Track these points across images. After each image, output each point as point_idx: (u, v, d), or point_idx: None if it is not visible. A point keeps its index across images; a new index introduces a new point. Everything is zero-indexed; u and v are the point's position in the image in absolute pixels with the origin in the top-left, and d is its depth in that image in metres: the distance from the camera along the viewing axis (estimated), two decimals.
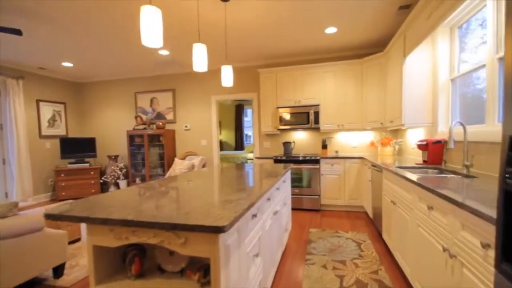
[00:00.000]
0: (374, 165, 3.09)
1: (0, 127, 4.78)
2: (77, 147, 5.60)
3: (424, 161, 2.71)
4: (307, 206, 4.12)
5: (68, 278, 2.23)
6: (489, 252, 0.99)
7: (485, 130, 2.02)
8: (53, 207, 1.20)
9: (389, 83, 3.61)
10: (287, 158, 4.22)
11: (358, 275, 2.19)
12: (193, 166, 4.80)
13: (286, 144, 4.57)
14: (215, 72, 5.16)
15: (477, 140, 2.07)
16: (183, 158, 5.21)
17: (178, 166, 4.75)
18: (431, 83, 2.93)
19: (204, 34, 3.59)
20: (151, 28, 1.46)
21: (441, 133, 2.77)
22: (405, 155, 3.81)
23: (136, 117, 5.40)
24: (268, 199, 1.81)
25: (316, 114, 4.25)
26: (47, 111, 5.48)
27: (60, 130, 5.74)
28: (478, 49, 2.37)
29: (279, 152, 4.91)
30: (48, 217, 1.10)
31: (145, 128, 5.35)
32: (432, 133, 2.95)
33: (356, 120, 4.19)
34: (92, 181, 5.51)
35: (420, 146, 2.71)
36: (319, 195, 4.08)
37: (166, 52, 4.30)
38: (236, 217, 1.00)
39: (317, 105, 4.26)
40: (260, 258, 1.55)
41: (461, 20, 2.53)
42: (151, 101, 5.55)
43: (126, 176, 5.51)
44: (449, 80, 2.73)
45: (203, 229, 0.91)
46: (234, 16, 3.08)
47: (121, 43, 3.90)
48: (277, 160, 4.26)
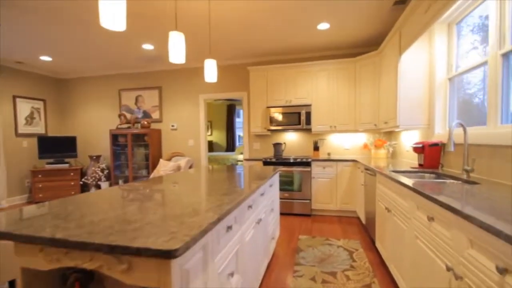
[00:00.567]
0: (367, 169, 2.92)
1: None
2: (57, 147, 5.28)
3: (420, 165, 2.55)
4: (298, 211, 3.93)
5: None
6: (508, 279, 0.81)
7: (487, 132, 1.86)
8: None
9: (384, 83, 3.46)
10: (277, 160, 4.03)
11: None
12: (179, 168, 4.56)
13: (277, 146, 4.38)
14: (203, 70, 4.94)
15: (478, 143, 1.91)
16: (169, 159, 4.97)
17: (163, 168, 4.50)
18: (428, 83, 2.78)
19: (190, 30, 3.38)
20: (111, 7, 1.24)
21: (438, 135, 2.61)
22: (399, 158, 3.66)
23: (120, 116, 5.13)
24: (250, 207, 1.61)
25: (308, 115, 4.07)
26: (25, 108, 5.16)
27: (39, 128, 5.42)
28: (469, 54, 2.29)
29: (269, 154, 4.71)
30: None
31: (129, 127, 5.08)
32: (428, 135, 2.80)
33: (349, 121, 4.03)
34: (72, 183, 5.21)
35: (416, 149, 2.55)
36: (310, 199, 3.89)
37: (151, 47, 4.06)
38: (196, 236, 0.79)
39: (309, 105, 4.08)
40: (238, 276, 1.35)
41: (460, 16, 2.38)
42: (136, 99, 5.29)
43: (108, 178, 5.23)
44: (447, 80, 2.59)
45: (149, 253, 0.70)
46: (220, 8, 2.87)
47: (103, 37, 3.65)
48: (267, 162, 4.06)
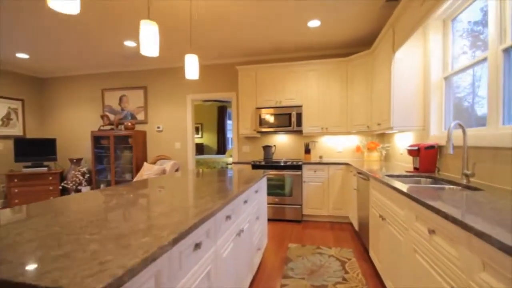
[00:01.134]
0: (360, 172, 2.76)
1: None
2: (35, 149, 4.99)
3: (416, 169, 2.41)
4: (288, 217, 3.75)
5: None
6: None
7: (487, 134, 1.72)
8: None
9: (377, 83, 3.33)
10: (267, 164, 3.84)
11: None
12: (164, 171, 4.33)
13: (266, 148, 4.20)
14: None
15: (478, 145, 1.77)
16: (154, 162, 4.73)
17: (147, 172, 4.27)
18: (422, 83, 2.65)
19: (175, 27, 3.19)
20: None
21: (434, 137, 2.47)
22: (393, 161, 3.52)
23: (103, 117, 4.88)
24: (228, 217, 1.42)
25: (299, 116, 3.91)
26: (1, 108, 4.86)
27: (16, 130, 5.11)
28: (460, 59, 2.25)
29: (259, 157, 4.53)
30: None
31: (113, 129, 4.83)
32: (423, 137, 2.66)
33: (341, 123, 3.88)
34: (51, 188, 4.91)
35: (411, 152, 2.40)
36: (301, 205, 3.72)
37: (133, 44, 3.85)
38: (136, 267, 0.60)
39: (300, 106, 3.92)
40: None
41: (456, 12, 2.26)
42: (120, 99, 5.04)
43: (90, 182, 4.95)
44: (442, 79, 2.45)
45: None
46: (206, 4, 2.69)
47: (81, 33, 3.42)
48: (255, 166, 3.87)
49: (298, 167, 3.70)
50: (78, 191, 4.88)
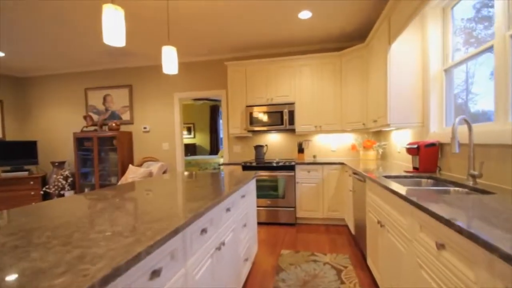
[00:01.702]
0: (356, 173, 2.58)
1: None
2: (15, 153, 4.73)
3: (415, 168, 2.23)
4: (281, 220, 3.56)
5: None
6: None
7: (495, 130, 1.54)
8: None
9: (372, 78, 3.15)
10: (258, 164, 3.65)
11: None
12: (151, 174, 4.11)
13: (258, 148, 4.01)
14: (178, 66, 4.53)
15: (483, 143, 1.60)
16: (141, 165, 4.50)
17: (132, 175, 4.04)
18: (421, 76, 2.47)
19: (159, 22, 2.97)
20: None
21: (434, 135, 2.30)
22: (390, 160, 3.36)
23: (86, 117, 4.63)
24: (204, 231, 1.22)
25: (291, 114, 3.72)
26: None
27: None
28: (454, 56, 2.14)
29: (251, 157, 4.33)
30: None
31: (96, 130, 4.59)
32: (422, 135, 2.49)
33: (335, 121, 3.70)
34: (32, 193, 4.66)
35: (410, 150, 2.22)
36: (295, 207, 3.53)
37: None
38: None
39: (292, 104, 3.73)
40: None
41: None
42: (104, 99, 4.79)
43: (73, 186, 4.70)
44: (442, 71, 2.28)
45: None
46: None
47: (62, 28, 3.18)
48: (246, 167, 3.67)
49: (291, 168, 3.52)
50: (61, 196, 4.63)
